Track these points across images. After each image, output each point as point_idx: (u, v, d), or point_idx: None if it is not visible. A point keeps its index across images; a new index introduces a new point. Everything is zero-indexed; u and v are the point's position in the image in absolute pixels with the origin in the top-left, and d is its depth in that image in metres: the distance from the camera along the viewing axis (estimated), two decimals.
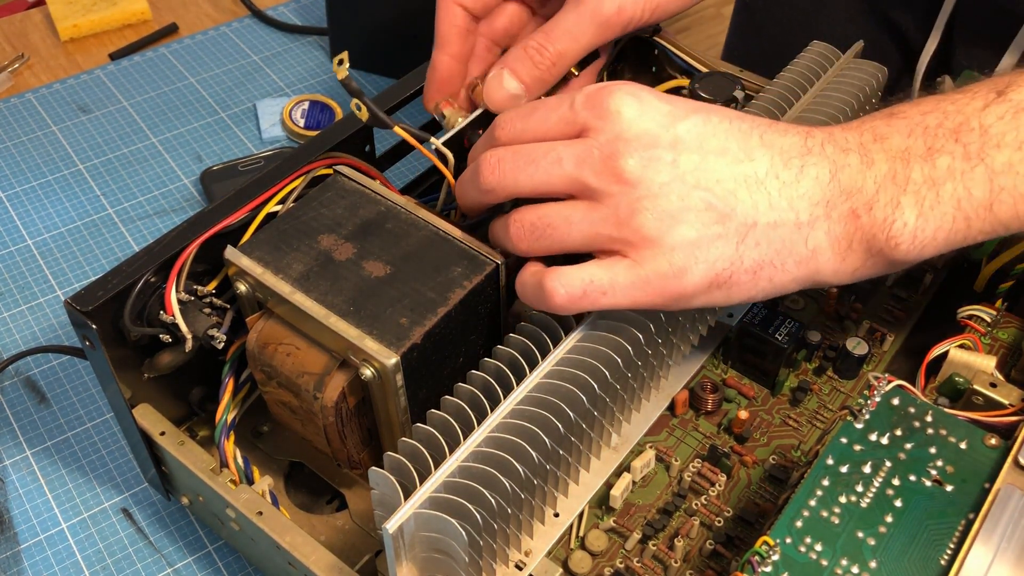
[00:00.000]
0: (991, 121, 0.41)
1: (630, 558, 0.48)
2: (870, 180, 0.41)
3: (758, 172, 0.41)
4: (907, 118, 0.42)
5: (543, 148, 0.43)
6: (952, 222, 0.41)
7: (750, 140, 0.42)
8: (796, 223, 0.41)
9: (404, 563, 0.41)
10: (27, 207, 0.76)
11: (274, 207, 0.50)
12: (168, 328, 0.47)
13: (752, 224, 0.41)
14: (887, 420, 0.43)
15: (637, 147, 0.41)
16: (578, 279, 0.42)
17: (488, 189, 0.44)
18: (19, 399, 0.63)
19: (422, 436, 0.42)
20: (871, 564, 0.39)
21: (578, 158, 0.42)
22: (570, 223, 0.42)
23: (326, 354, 0.45)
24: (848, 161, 0.41)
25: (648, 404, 0.52)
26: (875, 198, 0.41)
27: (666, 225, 0.41)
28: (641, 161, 0.41)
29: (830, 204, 0.41)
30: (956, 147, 0.41)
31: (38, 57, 0.90)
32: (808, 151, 0.42)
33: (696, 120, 0.42)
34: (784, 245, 0.41)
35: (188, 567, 0.54)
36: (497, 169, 0.44)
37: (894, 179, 0.41)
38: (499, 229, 0.46)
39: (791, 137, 0.42)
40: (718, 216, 0.41)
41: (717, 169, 0.41)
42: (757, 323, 0.53)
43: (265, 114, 0.83)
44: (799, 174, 0.41)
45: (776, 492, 0.50)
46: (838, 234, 0.41)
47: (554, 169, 0.43)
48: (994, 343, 0.54)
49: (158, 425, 0.49)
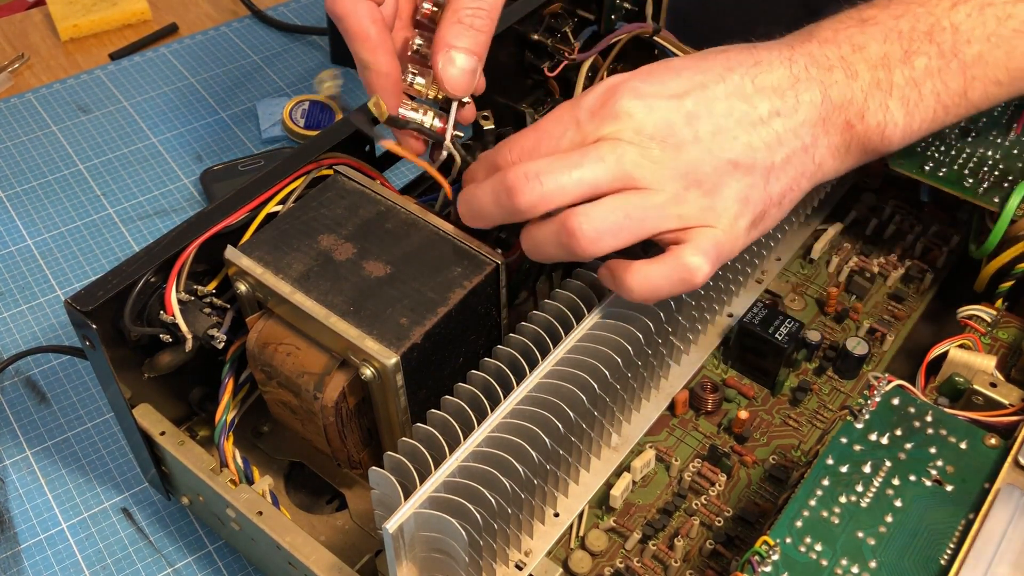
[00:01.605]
0: (960, 19, 0.46)
1: (630, 558, 0.48)
2: (858, 91, 0.46)
3: (762, 115, 0.45)
4: (880, 24, 0.47)
5: (578, 154, 0.43)
6: (933, 113, 0.47)
7: (746, 89, 0.45)
8: (803, 148, 0.45)
9: (404, 563, 0.41)
10: (27, 207, 0.76)
11: (274, 207, 0.50)
12: (168, 328, 0.47)
13: (771, 165, 0.45)
14: (887, 420, 0.43)
15: (659, 138, 0.43)
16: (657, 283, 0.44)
17: (529, 205, 0.43)
18: (19, 399, 0.63)
19: (422, 436, 0.42)
20: (871, 564, 0.39)
21: (617, 155, 0.43)
22: (643, 214, 0.43)
23: (326, 354, 0.45)
24: (834, 78, 0.45)
25: (648, 404, 0.52)
26: (865, 106, 0.46)
27: (710, 199, 0.44)
28: (667, 148, 0.43)
29: (827, 121, 0.45)
30: (931, 47, 0.46)
31: (38, 57, 0.90)
32: (796, 79, 0.45)
33: (697, 92, 0.44)
34: (797, 170, 0.46)
35: (188, 567, 0.54)
36: (537, 182, 0.43)
37: (879, 85, 0.46)
38: (545, 240, 0.44)
39: (777, 71, 0.45)
40: (745, 170, 0.44)
41: (730, 128, 0.44)
42: (757, 323, 0.53)
43: (265, 114, 0.83)
44: (796, 104, 0.45)
45: (776, 492, 0.50)
46: (836, 144, 0.46)
47: (598, 168, 0.43)
48: (994, 343, 0.54)
49: (158, 425, 0.49)
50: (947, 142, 0.59)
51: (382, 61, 0.48)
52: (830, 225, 0.62)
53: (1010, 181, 0.56)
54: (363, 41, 0.47)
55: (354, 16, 0.47)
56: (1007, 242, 0.54)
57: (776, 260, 0.60)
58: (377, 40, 0.48)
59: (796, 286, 0.60)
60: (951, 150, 0.58)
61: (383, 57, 0.48)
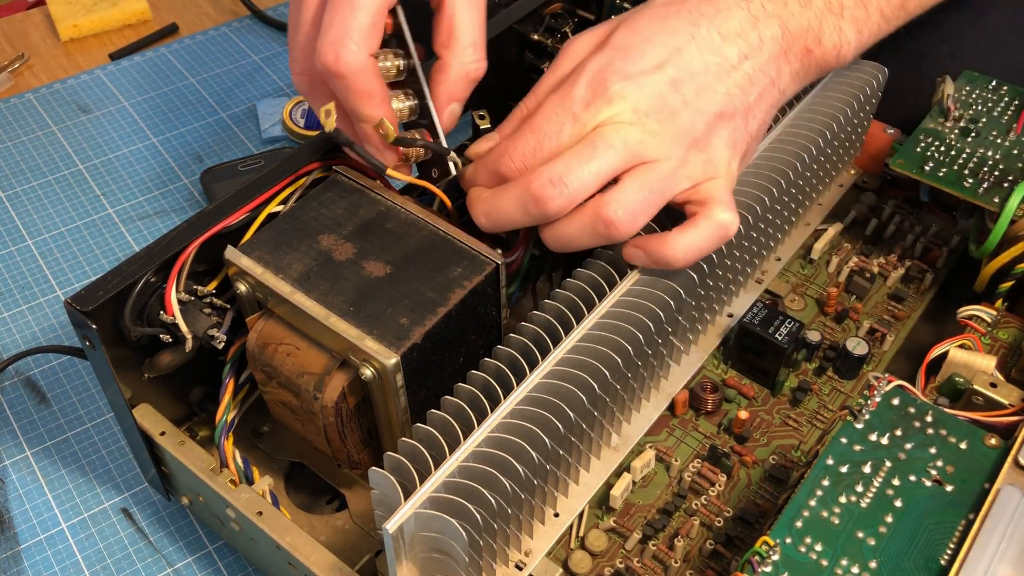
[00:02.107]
0: None
1: (630, 558, 0.48)
2: (812, 17, 0.49)
3: (732, 62, 0.47)
4: None
5: (587, 146, 0.45)
6: (877, 27, 0.52)
7: (714, 41, 0.47)
8: (771, 82, 0.49)
9: (404, 563, 0.41)
10: (27, 207, 0.76)
11: (274, 207, 0.50)
12: (168, 328, 0.47)
13: (748, 106, 0.48)
14: (887, 420, 0.43)
15: (653, 112, 0.46)
16: (700, 245, 0.46)
17: (559, 209, 0.45)
18: (19, 399, 0.63)
19: (422, 436, 0.42)
20: (871, 564, 0.39)
21: (623, 137, 0.45)
22: (661, 185, 0.45)
23: (326, 354, 0.45)
24: (791, 10, 0.49)
25: (648, 404, 0.52)
26: (820, 31, 0.50)
27: (707, 153, 0.47)
28: (663, 119, 0.46)
29: (788, 52, 0.49)
30: None
31: (38, 57, 0.90)
32: (756, 19, 0.48)
33: (675, 58, 0.47)
34: (768, 103, 0.49)
35: (188, 567, 0.54)
36: (562, 185, 0.44)
37: (831, 9, 0.50)
38: (580, 233, 0.46)
39: (737, 15, 0.48)
40: (728, 117, 0.47)
41: (709, 83, 0.47)
42: (757, 323, 0.53)
43: (265, 114, 0.83)
44: (759, 42, 0.48)
45: (776, 492, 0.50)
46: (796, 70, 0.50)
47: (611, 155, 0.45)
48: (994, 343, 0.54)
49: (158, 425, 0.49)
50: (947, 142, 0.59)
51: (387, 114, 0.47)
52: (830, 225, 0.62)
53: (1010, 181, 0.56)
54: (369, 99, 0.46)
55: (362, 75, 0.46)
56: (1007, 242, 0.54)
57: (776, 260, 0.60)
58: (381, 96, 0.47)
59: (796, 286, 0.60)
60: (951, 150, 0.58)
61: (388, 110, 0.47)
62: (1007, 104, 0.61)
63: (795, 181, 0.55)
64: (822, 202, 0.63)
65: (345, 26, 0.45)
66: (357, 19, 0.45)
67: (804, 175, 0.56)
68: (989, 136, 0.59)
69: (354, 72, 0.45)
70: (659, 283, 0.48)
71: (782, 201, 0.55)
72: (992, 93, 0.62)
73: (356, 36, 0.45)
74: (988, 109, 0.61)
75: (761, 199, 0.52)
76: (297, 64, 0.49)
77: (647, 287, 0.48)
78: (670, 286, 0.48)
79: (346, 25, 0.45)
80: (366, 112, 0.47)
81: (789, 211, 0.58)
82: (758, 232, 0.54)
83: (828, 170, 0.61)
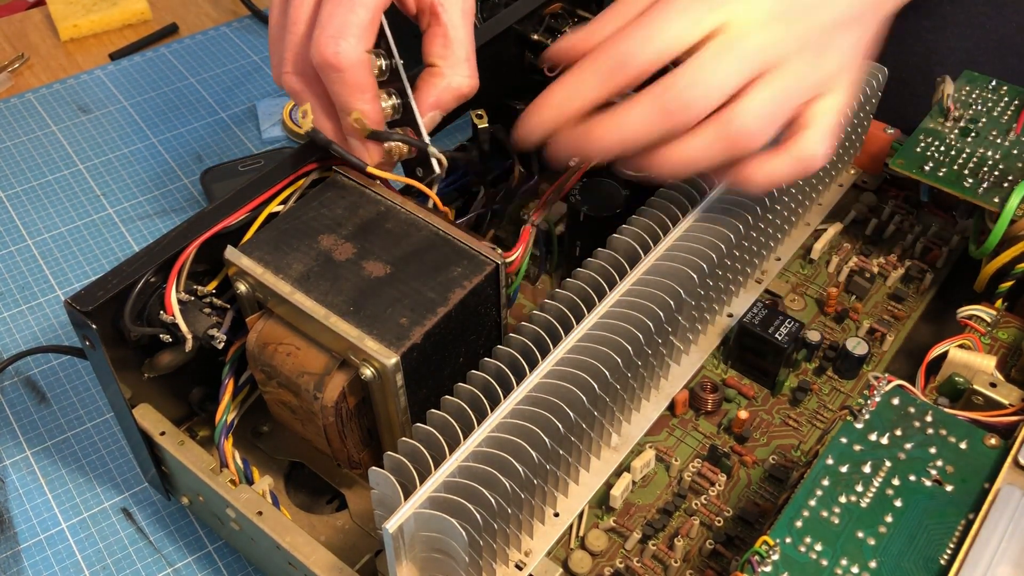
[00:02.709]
0: None
1: (630, 558, 0.48)
2: None
3: None
4: None
5: (713, 57, 0.43)
6: None
7: None
8: None
9: (404, 563, 0.41)
10: (27, 207, 0.76)
11: (275, 207, 0.50)
12: (168, 328, 0.47)
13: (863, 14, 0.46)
14: (887, 420, 0.43)
15: (775, 14, 0.44)
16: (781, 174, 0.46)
17: (696, 115, 0.43)
18: (19, 399, 0.63)
19: (422, 436, 0.42)
20: (871, 564, 0.39)
21: (752, 42, 0.44)
22: (788, 94, 0.44)
23: (326, 354, 0.45)
24: None
25: (648, 404, 0.52)
26: None
27: (827, 62, 0.45)
28: (789, 23, 0.44)
29: None
30: None
31: (38, 57, 0.90)
32: None
33: None
34: (882, 14, 0.48)
35: (188, 567, 0.54)
36: (701, 94, 0.43)
37: None
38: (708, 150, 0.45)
39: None
40: (845, 26, 0.46)
41: None
42: (757, 323, 0.53)
43: (265, 114, 0.83)
44: None
45: (776, 492, 0.50)
46: None
47: (743, 65, 0.43)
48: (994, 343, 0.54)
49: (158, 425, 0.49)
50: (947, 142, 0.59)
51: (376, 109, 0.48)
52: (830, 225, 0.62)
53: (1010, 181, 0.56)
54: (362, 93, 0.47)
55: (359, 69, 0.46)
56: (1007, 242, 0.54)
57: (776, 260, 0.60)
58: (373, 91, 0.47)
59: (796, 286, 0.60)
60: (951, 150, 0.58)
61: (377, 106, 0.48)
62: (1007, 104, 0.61)
63: (795, 181, 0.55)
64: (822, 202, 0.63)
65: (346, 21, 0.46)
66: (358, 15, 0.46)
67: None
68: (989, 136, 0.59)
69: (352, 65, 0.46)
70: (659, 283, 0.48)
71: (782, 201, 0.55)
72: (992, 93, 0.62)
73: (356, 31, 0.46)
74: (988, 109, 0.61)
75: (761, 199, 0.52)
76: (288, 64, 0.49)
77: (647, 287, 0.48)
78: (670, 286, 0.48)
79: (347, 20, 0.46)
80: (359, 107, 0.47)
81: (789, 211, 0.58)
82: (758, 232, 0.54)
83: (828, 170, 0.61)
